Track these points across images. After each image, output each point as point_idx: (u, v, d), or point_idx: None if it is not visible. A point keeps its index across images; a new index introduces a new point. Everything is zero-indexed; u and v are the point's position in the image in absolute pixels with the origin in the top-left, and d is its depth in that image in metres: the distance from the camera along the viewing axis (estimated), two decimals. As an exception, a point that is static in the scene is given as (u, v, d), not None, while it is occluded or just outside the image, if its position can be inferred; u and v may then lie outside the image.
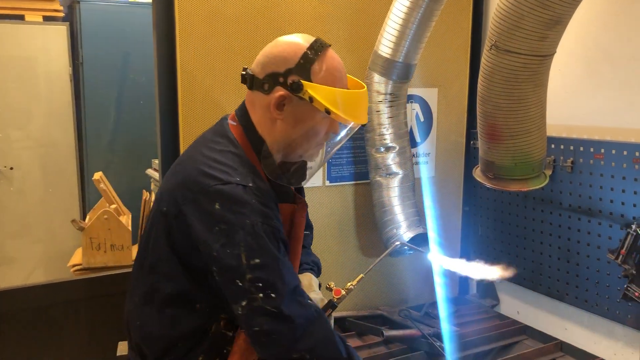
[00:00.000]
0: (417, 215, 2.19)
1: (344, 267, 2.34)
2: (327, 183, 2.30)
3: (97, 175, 3.73)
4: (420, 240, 2.20)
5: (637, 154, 1.87)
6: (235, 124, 1.41)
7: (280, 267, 1.25)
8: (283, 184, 1.40)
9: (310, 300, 1.32)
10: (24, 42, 3.87)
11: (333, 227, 2.32)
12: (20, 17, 3.88)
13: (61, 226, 4.12)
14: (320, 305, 1.50)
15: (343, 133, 1.44)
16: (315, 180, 2.28)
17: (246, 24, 2.05)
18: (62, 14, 3.98)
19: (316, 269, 1.70)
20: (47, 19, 3.94)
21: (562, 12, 1.33)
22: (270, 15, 2.09)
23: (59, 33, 3.93)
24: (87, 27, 3.92)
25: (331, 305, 1.49)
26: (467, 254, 2.64)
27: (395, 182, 2.18)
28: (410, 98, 2.37)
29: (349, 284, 1.54)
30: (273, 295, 1.22)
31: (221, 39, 2.02)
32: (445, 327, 2.19)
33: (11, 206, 4.02)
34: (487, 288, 2.59)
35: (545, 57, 1.42)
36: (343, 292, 1.50)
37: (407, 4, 1.97)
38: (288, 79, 1.29)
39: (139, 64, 4.02)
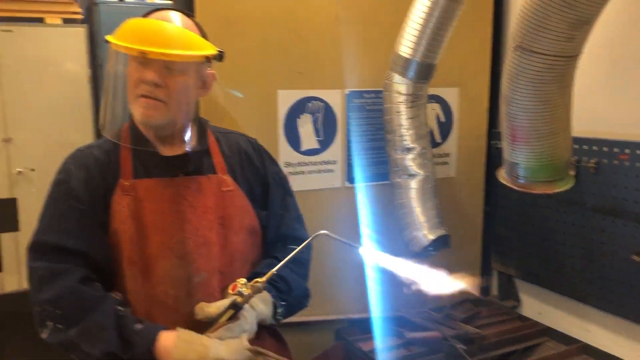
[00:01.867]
0: (439, 217, 2.18)
1: (363, 270, 2.33)
2: (347, 184, 2.29)
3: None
4: (442, 242, 2.18)
5: (663, 154, 1.84)
6: None
7: (50, 222, 1.33)
8: (151, 157, 1.36)
9: (63, 264, 1.27)
10: (44, 44, 3.92)
11: (352, 228, 2.31)
12: (40, 20, 3.93)
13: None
14: (222, 308, 1.30)
15: (148, 74, 1.27)
16: (334, 182, 2.27)
17: (264, 26, 2.06)
18: (81, 16, 4.02)
19: (278, 287, 1.43)
20: (66, 21, 3.99)
21: (589, 12, 1.31)
22: (287, 17, 2.09)
23: (78, 35, 3.97)
24: (106, 28, 3.93)
25: (233, 305, 1.28)
26: (487, 255, 2.62)
27: (415, 184, 2.16)
28: (430, 98, 2.35)
29: (255, 280, 1.30)
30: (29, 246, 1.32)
31: (238, 41, 2.02)
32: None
33: (31, 207, 4.06)
34: (508, 289, 2.57)
35: (571, 58, 1.40)
36: (243, 290, 1.27)
37: (428, 3, 1.96)
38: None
39: (157, 65, 4.04)
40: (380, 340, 2.23)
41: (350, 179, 2.29)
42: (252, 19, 2.03)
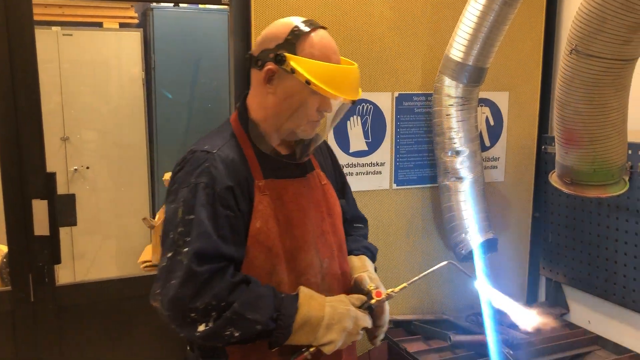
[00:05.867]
0: (487, 220, 2.17)
1: (410, 270, 2.34)
2: (394, 186, 2.31)
3: (168, 175, 3.86)
4: (490, 246, 2.18)
5: None
6: (236, 109, 1.52)
7: (203, 228, 1.30)
8: (275, 160, 1.44)
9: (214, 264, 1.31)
10: (101, 47, 4.06)
11: (399, 230, 2.33)
12: (99, 25, 4.07)
13: (132, 223, 4.27)
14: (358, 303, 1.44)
15: (334, 110, 1.45)
16: (382, 183, 2.29)
17: (319, 29, 2.10)
18: (136, 21, 4.15)
19: (369, 254, 1.66)
20: (122, 25, 4.11)
21: (648, 14, 1.30)
22: (340, 22, 2.13)
23: (133, 39, 4.10)
24: (160, 33, 4.06)
25: (367, 306, 1.42)
26: (535, 261, 2.59)
27: (464, 187, 2.16)
28: (480, 101, 2.35)
29: (390, 290, 1.46)
30: (189, 250, 1.28)
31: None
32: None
33: (85, 203, 4.20)
34: (557, 296, 2.53)
35: (628, 62, 1.39)
36: (383, 296, 1.43)
37: (480, 7, 1.97)
38: (276, 54, 1.35)
39: (209, 69, 4.13)
40: (426, 342, 2.23)
41: (398, 181, 2.31)
42: (306, 22, 2.08)
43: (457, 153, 2.15)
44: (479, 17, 1.98)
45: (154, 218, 3.87)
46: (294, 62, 1.33)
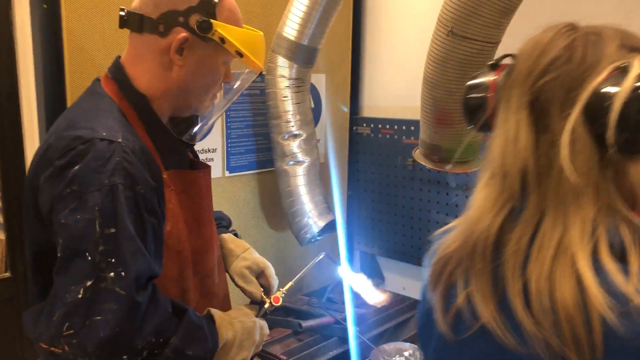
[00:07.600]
0: (326, 202, 2.18)
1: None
2: (227, 174, 2.15)
3: None
4: (330, 227, 2.19)
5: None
6: (107, 80, 1.21)
7: (136, 244, 1.03)
8: (175, 145, 1.24)
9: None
10: None
11: (237, 220, 2.18)
12: None
13: None
14: (256, 311, 1.38)
15: (240, 82, 1.40)
16: (214, 172, 2.11)
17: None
18: None
19: (225, 224, 1.61)
20: None
21: (516, 1, 1.43)
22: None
23: None
24: None
25: (264, 313, 1.39)
26: (350, 236, 2.71)
27: (302, 170, 2.13)
28: (301, 84, 2.33)
29: (279, 291, 1.44)
30: (123, 274, 0.99)
31: (106, 21, 1.75)
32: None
33: None
34: (372, 268, 2.69)
35: (495, 44, 1.51)
36: (279, 303, 1.41)
37: (315, -14, 1.93)
38: (190, 19, 1.13)
39: None
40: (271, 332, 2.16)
41: (230, 167, 2.16)
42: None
43: (294, 136, 2.10)
44: (314, -5, 1.95)
45: None
46: (222, 30, 1.13)
